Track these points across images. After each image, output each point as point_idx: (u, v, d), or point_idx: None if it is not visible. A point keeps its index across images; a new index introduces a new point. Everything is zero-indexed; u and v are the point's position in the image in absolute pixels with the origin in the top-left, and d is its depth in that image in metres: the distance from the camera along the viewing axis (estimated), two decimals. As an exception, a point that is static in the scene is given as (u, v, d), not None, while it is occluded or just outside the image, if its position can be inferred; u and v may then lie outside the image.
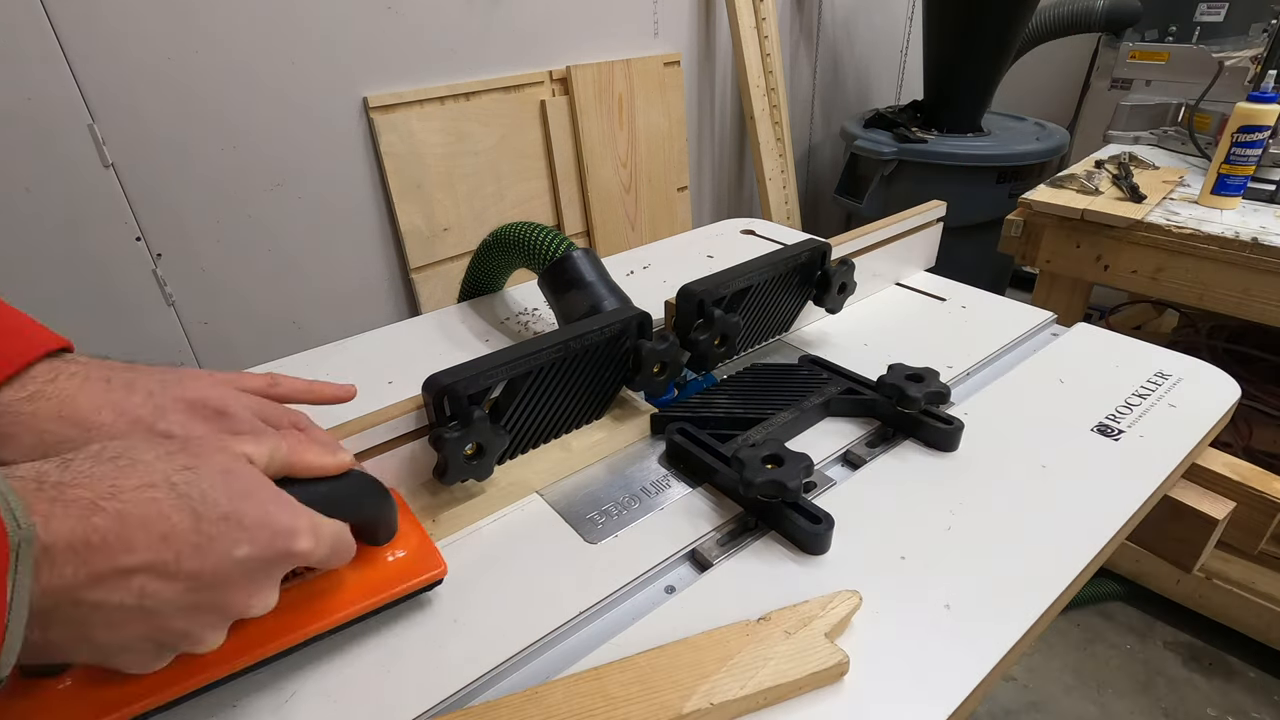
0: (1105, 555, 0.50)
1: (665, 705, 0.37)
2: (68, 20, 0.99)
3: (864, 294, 0.80)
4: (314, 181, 1.30)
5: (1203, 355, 0.77)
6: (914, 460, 0.57)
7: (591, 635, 0.44)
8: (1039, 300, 1.37)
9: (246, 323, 1.29)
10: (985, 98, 1.99)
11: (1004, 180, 1.85)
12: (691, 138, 1.93)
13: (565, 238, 0.72)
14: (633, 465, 0.59)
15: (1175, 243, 1.15)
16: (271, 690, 0.40)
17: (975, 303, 0.83)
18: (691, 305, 0.62)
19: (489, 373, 0.50)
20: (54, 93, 1.01)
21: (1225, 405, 0.64)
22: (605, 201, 1.70)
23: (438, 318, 0.83)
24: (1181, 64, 1.75)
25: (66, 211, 1.07)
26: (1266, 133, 1.16)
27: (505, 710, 0.37)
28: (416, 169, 1.38)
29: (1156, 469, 0.56)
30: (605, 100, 1.63)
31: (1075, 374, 0.68)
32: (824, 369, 0.67)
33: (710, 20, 1.84)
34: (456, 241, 1.49)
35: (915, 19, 2.41)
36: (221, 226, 1.22)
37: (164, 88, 1.10)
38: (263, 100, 1.19)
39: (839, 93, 2.41)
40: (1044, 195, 1.27)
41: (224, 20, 1.12)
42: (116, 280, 1.14)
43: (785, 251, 0.68)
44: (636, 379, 0.59)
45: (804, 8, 2.13)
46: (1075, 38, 2.11)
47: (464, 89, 1.41)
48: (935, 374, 0.59)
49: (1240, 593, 1.31)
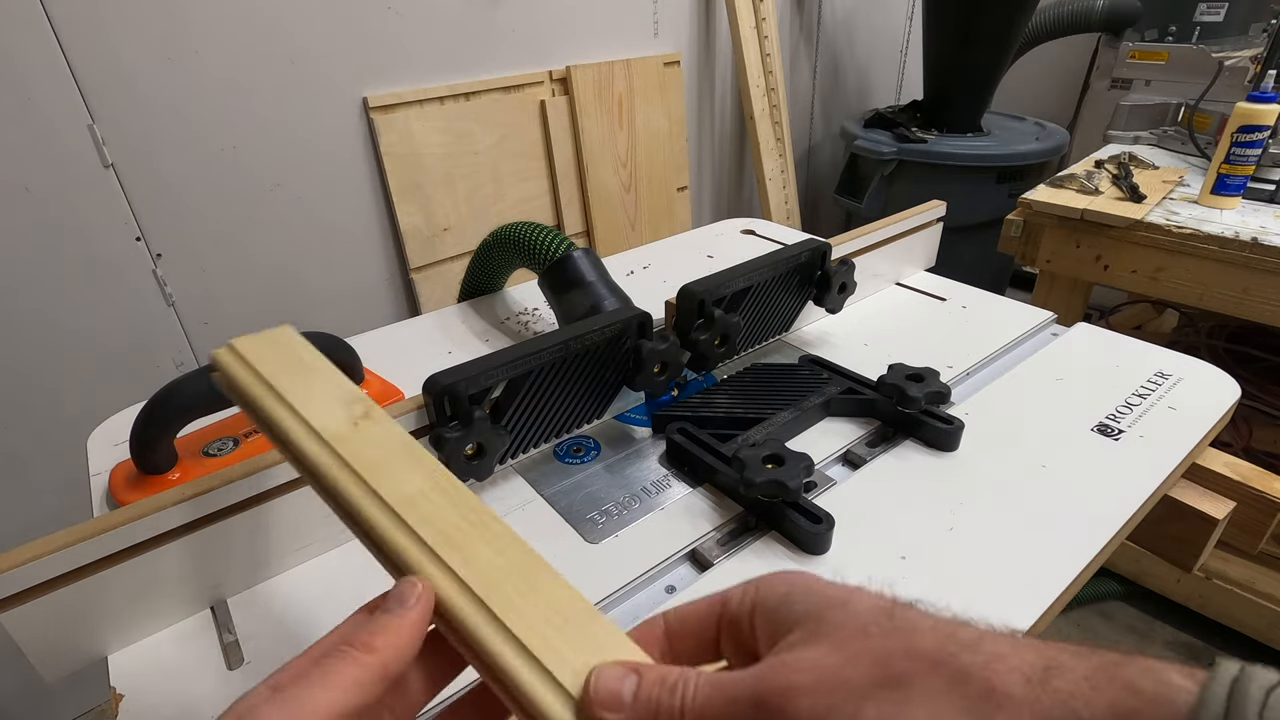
0: (1105, 555, 0.50)
1: None
2: (68, 20, 0.99)
3: (864, 294, 0.80)
4: (314, 181, 1.30)
5: (1203, 355, 0.77)
6: (914, 460, 0.57)
7: (592, 635, 0.44)
8: (1039, 300, 1.37)
9: (246, 323, 1.29)
10: (985, 98, 1.99)
11: (1004, 180, 1.84)
12: (691, 138, 1.93)
13: (565, 238, 0.72)
14: (633, 465, 0.59)
15: (1175, 242, 1.15)
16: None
17: (975, 303, 0.83)
18: (691, 305, 0.62)
19: (489, 373, 0.50)
20: (54, 93, 1.01)
21: (1225, 405, 0.64)
22: (605, 201, 1.69)
23: (438, 318, 0.83)
24: (1181, 64, 1.75)
25: (66, 211, 1.06)
26: (1266, 133, 1.16)
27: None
28: (416, 169, 1.38)
29: (1156, 469, 0.56)
30: (605, 100, 1.63)
31: (1075, 374, 0.68)
32: (824, 369, 0.67)
33: (710, 20, 1.84)
34: (456, 241, 1.49)
35: (915, 19, 2.41)
36: (221, 226, 1.22)
37: (164, 88, 1.10)
38: (263, 100, 1.19)
39: (839, 93, 2.41)
40: (1044, 195, 1.27)
41: (224, 20, 1.12)
42: (116, 280, 1.14)
43: (785, 251, 0.68)
44: (637, 379, 0.59)
45: (804, 8, 2.13)
46: (1075, 38, 2.10)
47: (464, 89, 1.41)
48: (935, 374, 0.59)
49: (1240, 593, 1.31)
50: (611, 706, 0.23)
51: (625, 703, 0.23)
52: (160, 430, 0.54)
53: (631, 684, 0.23)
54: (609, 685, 0.23)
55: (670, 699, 0.23)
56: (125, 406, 0.66)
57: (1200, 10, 1.79)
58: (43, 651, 0.41)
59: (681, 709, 0.22)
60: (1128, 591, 1.48)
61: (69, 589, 0.40)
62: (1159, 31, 1.86)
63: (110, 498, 0.56)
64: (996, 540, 0.49)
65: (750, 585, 0.25)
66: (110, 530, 0.41)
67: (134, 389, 1.17)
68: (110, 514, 0.42)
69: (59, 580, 0.40)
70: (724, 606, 0.26)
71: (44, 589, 0.40)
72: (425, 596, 0.25)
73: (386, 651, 0.23)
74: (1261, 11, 1.79)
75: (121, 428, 0.61)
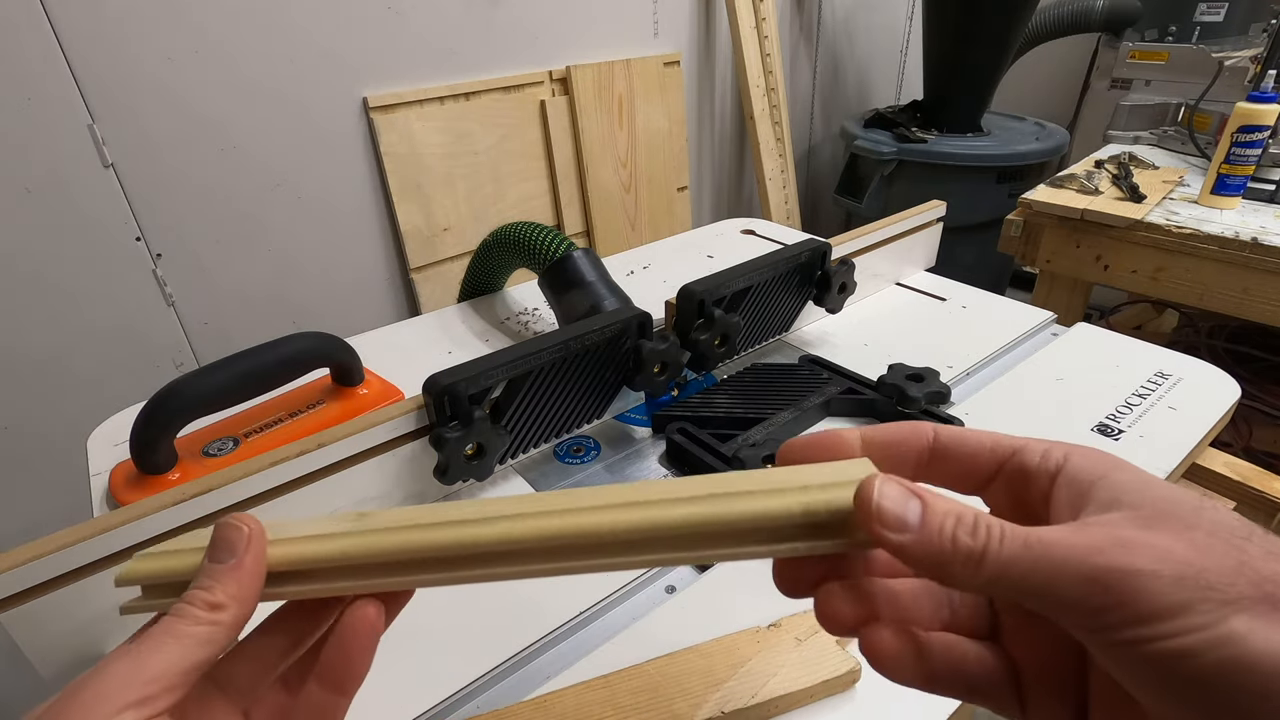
0: (1105, 555, 0.50)
1: (676, 714, 0.37)
2: (68, 20, 0.99)
3: (864, 294, 0.80)
4: (314, 181, 1.30)
5: (1203, 355, 0.77)
6: (914, 460, 0.57)
7: (592, 635, 0.44)
8: (1039, 300, 1.37)
9: (246, 323, 1.29)
10: (985, 97, 1.99)
11: (1004, 180, 1.85)
12: (691, 138, 1.93)
13: (565, 238, 0.72)
14: (633, 465, 0.59)
15: (1175, 243, 1.15)
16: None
17: (975, 303, 0.83)
18: (692, 305, 0.62)
19: (489, 373, 0.50)
20: (54, 93, 1.01)
21: (1225, 405, 0.64)
22: (605, 201, 1.69)
23: (438, 318, 0.83)
24: (1181, 64, 1.75)
25: (66, 211, 1.06)
26: (1266, 133, 1.16)
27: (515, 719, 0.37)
28: (416, 169, 1.38)
29: (1157, 469, 0.56)
30: (605, 100, 1.63)
31: (1075, 374, 0.68)
32: (824, 369, 0.67)
33: (710, 20, 1.84)
34: (456, 241, 1.49)
35: (915, 19, 2.41)
36: (221, 226, 1.22)
37: (164, 88, 1.10)
38: (263, 100, 1.19)
39: (839, 93, 2.41)
40: (1044, 195, 1.27)
41: (224, 20, 1.12)
42: (116, 280, 1.14)
43: (785, 251, 0.68)
44: (637, 379, 0.59)
45: (804, 8, 2.13)
46: (1075, 38, 2.11)
47: (464, 89, 1.41)
48: (935, 374, 0.59)
49: (1240, 592, 1.31)
50: (897, 527, 0.20)
51: (913, 525, 0.20)
52: (160, 430, 0.54)
53: (916, 508, 0.21)
54: (893, 505, 0.21)
55: (970, 540, 0.20)
56: (125, 406, 0.66)
57: (1200, 10, 1.79)
58: (43, 651, 0.41)
59: (982, 555, 0.19)
60: (1128, 591, 1.48)
61: (69, 589, 0.40)
62: (1159, 31, 1.86)
63: (110, 498, 0.56)
64: (996, 540, 0.49)
65: (1056, 447, 0.22)
66: (110, 530, 0.41)
67: (134, 389, 1.17)
68: (110, 514, 0.42)
69: (59, 580, 0.40)
70: (1016, 455, 0.23)
71: (44, 589, 0.40)
72: (255, 536, 0.24)
73: (230, 604, 0.23)
74: (1261, 11, 1.79)
75: (121, 428, 0.62)
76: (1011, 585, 0.19)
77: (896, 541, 0.20)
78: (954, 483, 0.24)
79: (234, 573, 0.23)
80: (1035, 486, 0.22)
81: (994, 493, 0.24)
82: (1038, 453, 0.22)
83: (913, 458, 0.24)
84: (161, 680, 0.21)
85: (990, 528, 0.20)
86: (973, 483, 0.24)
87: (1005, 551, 0.19)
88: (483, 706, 0.40)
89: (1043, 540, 0.19)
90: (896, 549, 0.21)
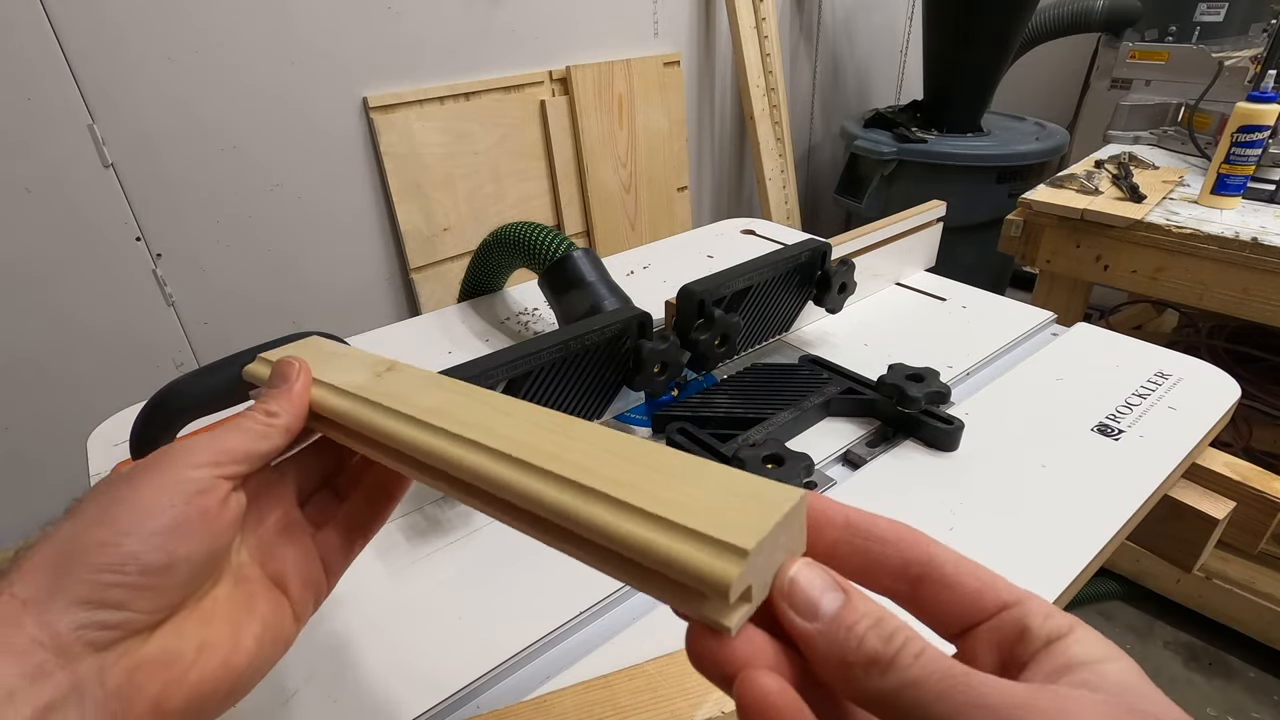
0: (1105, 555, 0.50)
1: (676, 714, 0.37)
2: (68, 20, 0.99)
3: (864, 294, 0.80)
4: (314, 181, 1.30)
5: (1203, 355, 0.77)
6: (914, 460, 0.57)
7: (592, 635, 0.44)
8: (1039, 300, 1.37)
9: (246, 323, 1.29)
10: (985, 97, 1.99)
11: (1004, 180, 1.85)
12: (691, 138, 1.93)
13: (565, 238, 0.72)
14: (633, 465, 0.59)
15: (1175, 242, 1.15)
16: (273, 689, 0.40)
17: (975, 303, 0.83)
18: (691, 305, 0.62)
19: (489, 373, 0.50)
20: (54, 93, 1.01)
21: (1225, 405, 0.64)
22: (605, 201, 1.70)
23: (438, 318, 0.83)
24: (1181, 64, 1.75)
25: (66, 211, 1.07)
26: (1266, 133, 1.16)
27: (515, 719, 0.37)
28: (416, 169, 1.39)
29: (1156, 469, 0.56)
30: (605, 100, 1.63)
31: (1075, 374, 0.68)
32: (824, 369, 0.67)
33: (710, 20, 1.84)
34: (456, 241, 1.49)
35: (915, 19, 2.41)
36: (221, 226, 1.22)
37: (164, 88, 1.10)
38: (263, 100, 1.19)
39: (839, 93, 2.41)
40: (1044, 195, 1.27)
41: (224, 20, 1.12)
42: (116, 280, 1.14)
43: (785, 251, 0.68)
44: (637, 379, 0.59)
45: (804, 8, 2.13)
46: (1075, 38, 2.11)
47: (464, 89, 1.41)
48: (935, 374, 0.59)
49: (1240, 593, 1.31)
50: (807, 614, 0.19)
51: (825, 615, 0.19)
52: (160, 430, 0.54)
53: (835, 600, 0.19)
54: (808, 590, 0.19)
55: (880, 645, 0.18)
56: (125, 406, 0.66)
57: (1200, 10, 1.79)
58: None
59: (889, 663, 0.18)
60: (1128, 591, 1.49)
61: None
62: (1159, 31, 1.86)
63: (110, 498, 0.55)
64: (996, 540, 0.49)
65: (1060, 614, 0.20)
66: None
67: (134, 389, 1.17)
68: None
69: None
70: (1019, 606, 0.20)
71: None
72: (304, 370, 0.32)
73: (282, 414, 0.30)
74: (1261, 11, 1.79)
75: (121, 428, 0.62)
76: (907, 707, 0.17)
77: (801, 629, 0.19)
78: (938, 616, 0.21)
79: (286, 394, 0.31)
80: (1025, 647, 0.20)
81: (972, 639, 0.21)
82: (1041, 613, 0.20)
83: (895, 567, 0.21)
84: (231, 454, 0.28)
85: (909, 641, 0.18)
86: (958, 624, 0.21)
87: (916, 669, 0.17)
88: (483, 706, 0.40)
89: (970, 675, 0.17)
90: (800, 635, 0.19)
